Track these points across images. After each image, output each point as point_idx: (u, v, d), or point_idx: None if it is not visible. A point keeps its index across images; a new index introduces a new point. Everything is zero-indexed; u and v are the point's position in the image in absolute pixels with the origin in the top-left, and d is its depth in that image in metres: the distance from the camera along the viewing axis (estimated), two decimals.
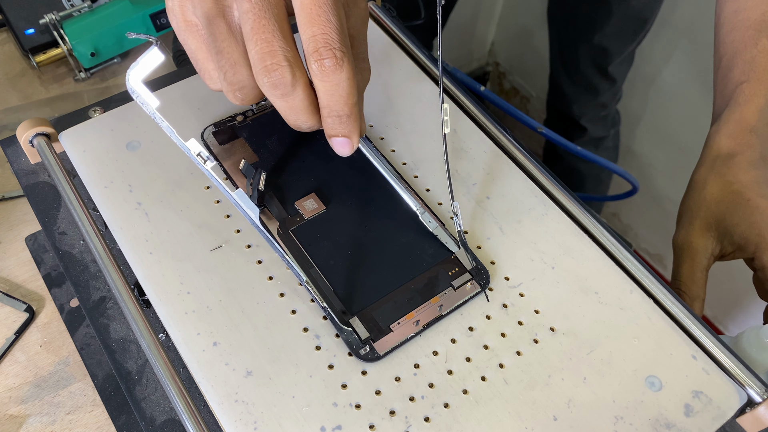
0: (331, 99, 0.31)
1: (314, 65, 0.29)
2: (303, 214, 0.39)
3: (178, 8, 0.32)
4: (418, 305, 0.36)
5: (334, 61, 0.29)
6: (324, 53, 0.29)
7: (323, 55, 0.29)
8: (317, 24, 0.29)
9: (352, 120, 0.32)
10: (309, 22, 0.29)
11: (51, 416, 0.36)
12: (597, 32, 0.93)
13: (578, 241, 0.40)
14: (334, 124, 0.32)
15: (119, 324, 0.37)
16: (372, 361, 0.34)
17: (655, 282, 0.39)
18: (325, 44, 0.29)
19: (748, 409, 0.35)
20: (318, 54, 0.29)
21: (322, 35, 0.29)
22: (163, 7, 0.54)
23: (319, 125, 0.33)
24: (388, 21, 0.51)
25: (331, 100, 0.31)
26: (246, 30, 0.30)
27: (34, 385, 0.37)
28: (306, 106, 0.31)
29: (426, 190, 0.42)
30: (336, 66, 0.29)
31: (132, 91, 0.31)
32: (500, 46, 1.53)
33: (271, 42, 0.29)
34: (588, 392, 0.34)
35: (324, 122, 0.32)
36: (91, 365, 0.36)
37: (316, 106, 0.32)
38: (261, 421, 0.32)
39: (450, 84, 0.48)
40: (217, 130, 0.42)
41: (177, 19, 0.32)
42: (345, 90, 0.30)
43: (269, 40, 0.29)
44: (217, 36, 0.31)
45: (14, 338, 0.38)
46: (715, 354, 0.37)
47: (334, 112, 0.31)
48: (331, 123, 0.32)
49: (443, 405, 0.33)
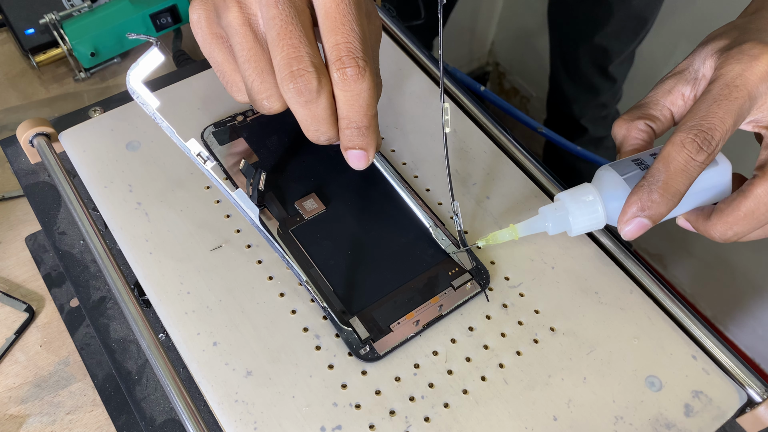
0: (351, 109, 0.30)
1: (336, 74, 0.29)
2: (303, 214, 0.39)
3: (204, 21, 0.32)
4: (418, 305, 0.36)
5: (357, 71, 0.29)
6: (347, 62, 0.29)
7: (346, 64, 0.29)
8: (341, 32, 0.29)
9: (370, 132, 0.31)
10: (333, 30, 0.29)
11: (51, 416, 0.36)
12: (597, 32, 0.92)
13: (578, 241, 0.40)
14: (352, 135, 0.31)
15: (119, 324, 0.37)
16: (372, 361, 0.34)
17: (655, 282, 0.39)
18: (348, 53, 0.29)
19: (748, 409, 0.35)
20: (341, 62, 0.29)
21: (345, 44, 0.29)
22: (163, 7, 0.54)
23: (337, 138, 0.32)
24: (388, 21, 0.51)
25: (351, 111, 0.31)
26: (272, 36, 0.29)
27: (34, 385, 0.37)
28: (328, 116, 0.31)
29: (426, 190, 0.42)
30: (358, 75, 0.29)
31: (132, 91, 0.31)
32: (500, 46, 1.53)
33: (298, 48, 0.29)
34: (588, 392, 0.34)
35: (342, 134, 0.32)
36: (91, 365, 0.36)
37: (336, 117, 0.31)
38: (261, 421, 0.32)
39: (450, 84, 0.48)
40: (217, 130, 0.42)
41: (203, 32, 0.32)
42: (365, 101, 0.30)
43: (296, 46, 0.29)
44: (244, 45, 0.30)
45: (14, 338, 0.38)
46: (715, 354, 0.37)
47: (353, 123, 0.31)
48: (349, 134, 0.31)
49: (443, 405, 0.33)
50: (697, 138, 0.31)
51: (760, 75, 0.32)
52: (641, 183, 0.33)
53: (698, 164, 0.32)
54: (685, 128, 0.32)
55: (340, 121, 0.31)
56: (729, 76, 0.33)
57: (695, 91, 0.36)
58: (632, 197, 0.33)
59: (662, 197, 0.32)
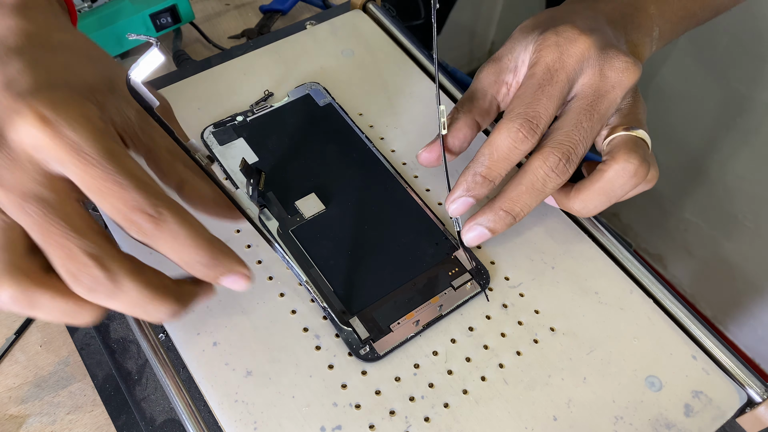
0: (182, 255, 0.27)
1: (136, 235, 0.26)
2: (303, 214, 0.39)
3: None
4: (418, 305, 0.36)
5: (154, 222, 0.25)
6: (137, 219, 0.25)
7: (137, 222, 0.25)
8: (111, 195, 0.25)
9: (219, 257, 0.27)
10: (101, 196, 0.25)
11: (51, 416, 0.36)
12: None
13: (578, 241, 0.40)
14: (207, 271, 0.27)
15: (119, 324, 0.37)
16: (372, 361, 0.34)
17: (655, 282, 0.39)
18: (133, 210, 0.25)
19: (748, 409, 0.35)
20: (131, 223, 0.25)
21: (123, 204, 0.25)
22: (163, 7, 0.54)
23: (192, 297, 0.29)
24: (388, 21, 0.51)
25: (183, 256, 0.27)
26: (39, 243, 0.25)
27: (34, 385, 0.37)
28: (152, 293, 0.26)
29: (426, 190, 0.42)
30: (158, 226, 0.25)
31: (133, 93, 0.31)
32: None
33: (65, 245, 0.25)
34: (588, 392, 0.34)
35: (196, 274, 0.28)
36: (91, 365, 0.36)
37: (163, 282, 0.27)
38: (261, 421, 0.32)
39: (450, 84, 0.48)
40: (217, 130, 0.42)
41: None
42: (187, 239, 0.26)
43: (63, 244, 0.25)
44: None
45: (14, 338, 0.38)
46: (715, 354, 0.37)
47: (196, 263, 0.27)
48: (203, 272, 0.27)
49: (443, 405, 0.33)
50: (522, 128, 0.34)
51: (578, 57, 0.34)
52: (468, 165, 0.35)
53: (521, 152, 0.34)
54: (512, 115, 0.34)
55: (183, 267, 0.27)
56: (548, 60, 0.35)
57: (517, 78, 0.38)
58: (459, 179, 0.36)
59: (484, 180, 0.35)
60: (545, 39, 0.35)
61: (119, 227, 0.26)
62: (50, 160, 0.25)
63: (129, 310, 0.26)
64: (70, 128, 0.25)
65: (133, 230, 0.26)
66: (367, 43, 0.49)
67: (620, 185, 0.35)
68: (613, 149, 0.35)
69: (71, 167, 0.25)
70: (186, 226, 0.26)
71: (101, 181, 0.25)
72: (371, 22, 0.51)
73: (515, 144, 0.34)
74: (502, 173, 0.35)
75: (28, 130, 0.25)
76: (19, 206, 0.25)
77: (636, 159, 0.34)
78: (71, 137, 0.25)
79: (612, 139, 0.36)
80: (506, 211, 0.35)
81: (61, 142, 0.25)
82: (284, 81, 0.46)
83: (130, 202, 0.25)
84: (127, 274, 0.26)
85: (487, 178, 0.35)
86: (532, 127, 0.34)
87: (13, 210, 0.25)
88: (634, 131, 0.36)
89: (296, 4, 0.58)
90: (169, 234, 0.26)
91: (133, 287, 0.26)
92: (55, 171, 0.26)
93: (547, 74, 0.34)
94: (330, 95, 0.45)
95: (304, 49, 0.48)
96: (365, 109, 0.45)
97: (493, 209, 0.36)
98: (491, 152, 0.34)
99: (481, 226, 0.36)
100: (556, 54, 0.35)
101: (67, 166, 0.25)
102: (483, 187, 0.35)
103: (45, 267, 0.26)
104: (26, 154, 0.25)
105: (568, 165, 0.34)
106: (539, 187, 0.35)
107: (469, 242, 0.37)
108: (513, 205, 0.35)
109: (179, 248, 0.26)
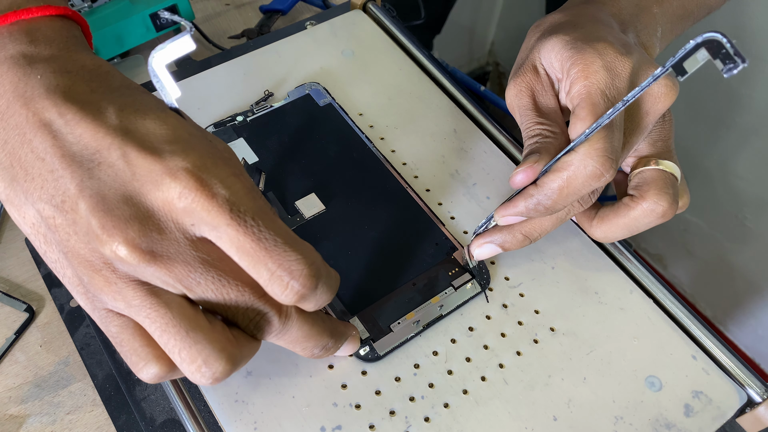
0: (302, 347, 0.29)
1: (286, 297, 0.25)
2: (303, 214, 0.39)
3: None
4: (418, 305, 0.36)
5: (313, 282, 0.25)
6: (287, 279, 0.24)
7: (290, 285, 0.24)
8: (268, 258, 0.24)
9: (337, 342, 0.31)
10: (256, 263, 0.24)
11: (51, 416, 0.36)
12: None
13: (578, 241, 0.40)
14: (323, 353, 0.30)
15: None
16: (372, 361, 0.34)
17: (655, 282, 0.39)
18: (291, 274, 0.24)
19: (748, 409, 0.35)
20: (284, 286, 0.24)
21: (279, 267, 0.24)
22: (163, 7, 0.54)
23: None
24: (388, 21, 0.51)
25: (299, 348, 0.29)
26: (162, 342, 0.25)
27: (34, 385, 0.37)
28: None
29: (426, 191, 0.42)
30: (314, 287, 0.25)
31: (153, 74, 0.28)
32: (500, 46, 1.53)
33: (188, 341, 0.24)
34: (588, 392, 0.34)
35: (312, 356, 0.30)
36: (91, 365, 0.36)
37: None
38: (261, 421, 0.32)
39: (450, 84, 0.48)
40: (217, 130, 0.42)
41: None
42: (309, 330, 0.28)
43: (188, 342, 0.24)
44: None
45: (14, 338, 0.38)
46: (715, 354, 0.37)
47: (320, 345, 0.29)
48: (321, 354, 0.30)
49: (443, 405, 0.33)
50: (603, 166, 0.31)
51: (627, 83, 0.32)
52: (533, 190, 0.32)
53: (594, 189, 0.32)
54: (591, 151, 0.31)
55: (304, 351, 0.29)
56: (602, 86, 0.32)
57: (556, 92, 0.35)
58: (518, 199, 0.33)
59: (546, 211, 0.33)
60: (585, 57, 0.33)
61: (265, 287, 0.25)
62: (200, 223, 0.24)
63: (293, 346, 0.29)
64: (224, 187, 0.24)
65: (280, 289, 0.24)
66: (368, 43, 0.49)
67: (645, 224, 0.34)
68: (641, 185, 0.34)
69: (225, 229, 0.23)
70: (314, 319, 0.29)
71: (256, 242, 0.24)
72: (371, 22, 0.51)
73: (591, 182, 0.31)
74: (566, 206, 0.33)
75: (181, 192, 0.23)
76: (188, 276, 0.24)
77: (665, 201, 0.33)
78: (226, 196, 0.23)
79: (640, 171, 0.35)
80: (525, 235, 0.35)
81: (216, 203, 0.23)
82: (284, 81, 0.46)
83: (294, 265, 0.24)
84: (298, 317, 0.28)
85: (549, 210, 0.33)
86: (612, 165, 0.31)
87: (184, 282, 0.24)
88: (664, 165, 0.34)
89: (296, 4, 0.58)
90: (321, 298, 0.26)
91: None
92: (199, 234, 0.24)
93: (606, 102, 0.32)
94: (330, 95, 0.45)
95: (304, 49, 0.48)
96: (365, 109, 0.45)
97: (512, 231, 0.35)
98: (562, 187, 0.32)
99: (493, 245, 0.36)
100: (608, 79, 0.32)
101: (220, 229, 0.23)
102: (539, 215, 0.33)
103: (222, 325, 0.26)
104: (173, 218, 0.24)
105: (593, 195, 0.34)
106: (563, 216, 0.34)
107: (478, 256, 0.36)
108: (532, 230, 0.35)
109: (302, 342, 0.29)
